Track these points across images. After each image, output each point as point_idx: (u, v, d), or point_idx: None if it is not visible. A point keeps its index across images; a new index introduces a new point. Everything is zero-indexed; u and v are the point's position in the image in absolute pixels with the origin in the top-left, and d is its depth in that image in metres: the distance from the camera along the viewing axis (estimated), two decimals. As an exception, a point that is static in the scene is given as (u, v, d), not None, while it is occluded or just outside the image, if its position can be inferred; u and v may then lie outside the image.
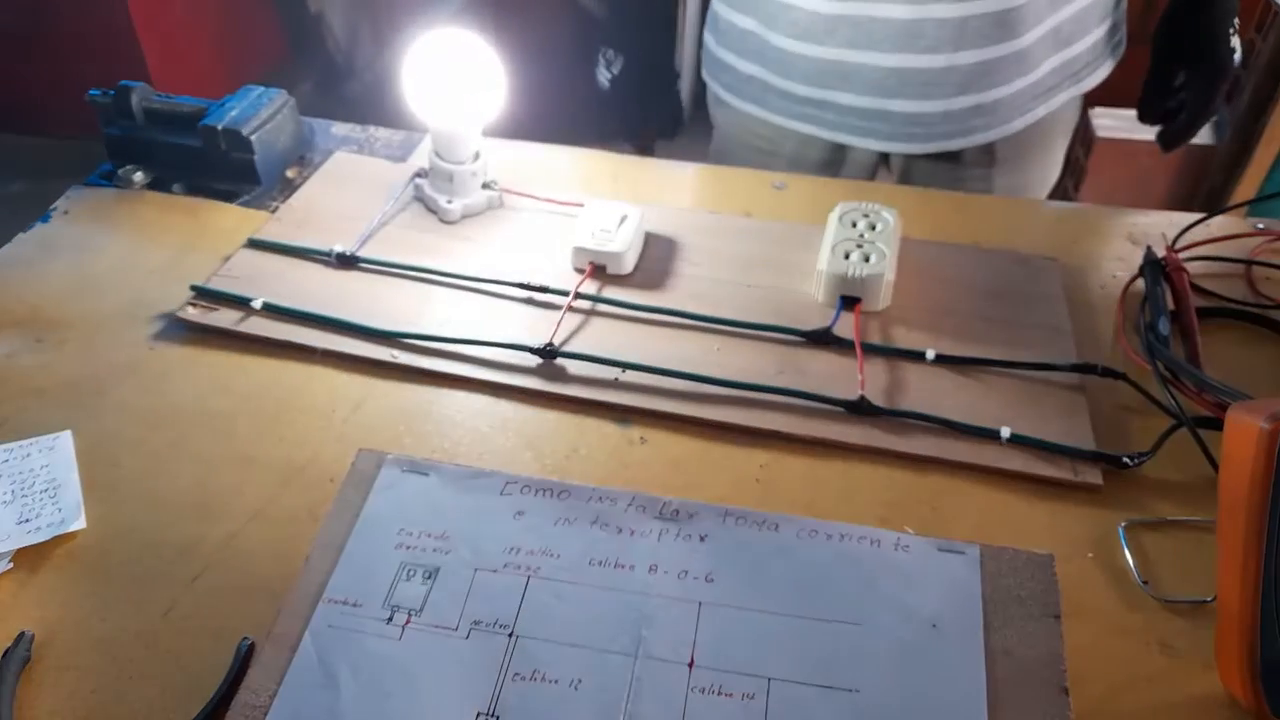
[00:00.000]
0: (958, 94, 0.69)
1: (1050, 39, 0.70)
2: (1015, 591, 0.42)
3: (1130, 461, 0.48)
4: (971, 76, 0.68)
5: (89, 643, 0.41)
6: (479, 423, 0.51)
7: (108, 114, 0.68)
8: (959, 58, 0.67)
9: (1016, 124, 0.72)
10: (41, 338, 0.56)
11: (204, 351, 0.55)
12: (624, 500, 0.46)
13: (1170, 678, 0.40)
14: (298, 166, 0.70)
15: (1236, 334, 0.57)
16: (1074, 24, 0.70)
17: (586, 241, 0.59)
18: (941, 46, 0.67)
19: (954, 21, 0.65)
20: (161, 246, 0.62)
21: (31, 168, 0.98)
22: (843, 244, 0.58)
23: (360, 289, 0.59)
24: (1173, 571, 0.44)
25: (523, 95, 0.75)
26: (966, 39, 0.66)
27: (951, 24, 0.66)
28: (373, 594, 0.42)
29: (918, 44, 0.67)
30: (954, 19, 0.65)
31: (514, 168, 0.69)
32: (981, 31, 0.66)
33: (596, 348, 0.54)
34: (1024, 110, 0.72)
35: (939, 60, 0.67)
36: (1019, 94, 0.70)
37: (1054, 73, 0.71)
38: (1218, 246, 0.62)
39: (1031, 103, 0.72)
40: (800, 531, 0.44)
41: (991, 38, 0.67)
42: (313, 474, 0.48)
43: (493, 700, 0.38)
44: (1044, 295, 0.59)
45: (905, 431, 0.50)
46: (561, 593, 0.42)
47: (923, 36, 0.66)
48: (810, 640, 0.40)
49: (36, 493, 0.47)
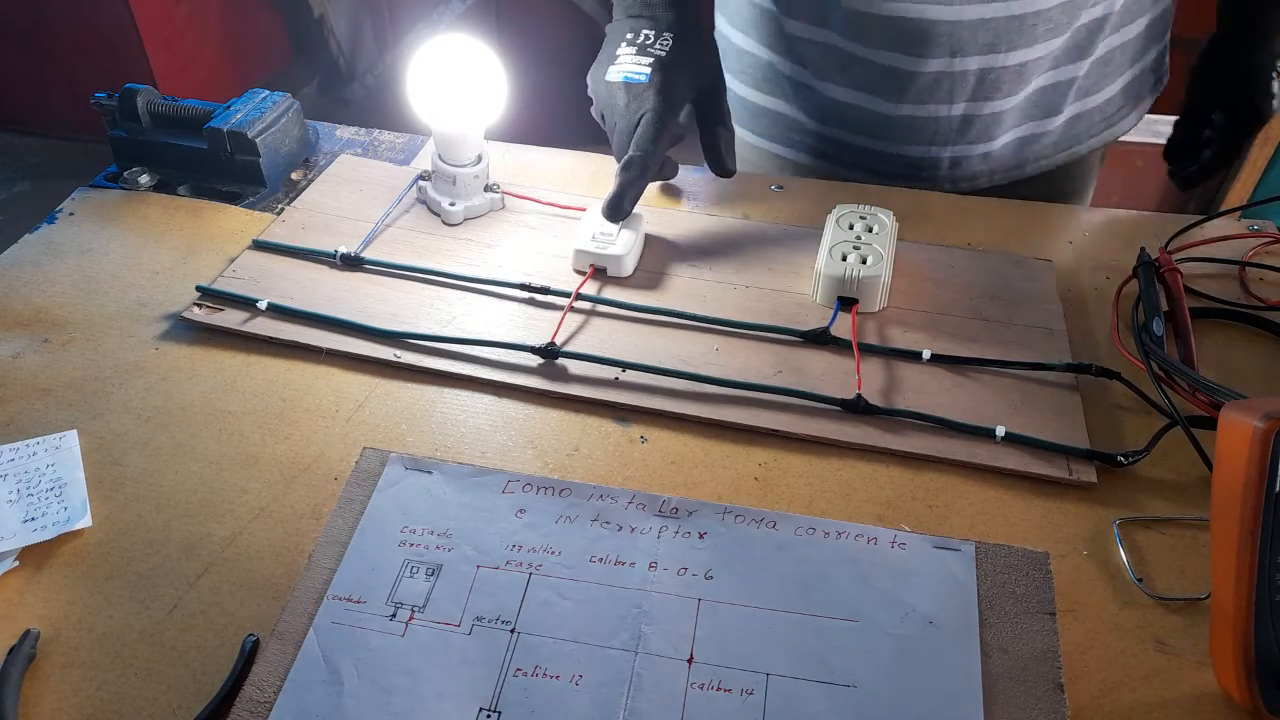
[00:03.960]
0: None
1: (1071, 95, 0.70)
2: (1011, 588, 0.42)
3: (1125, 460, 0.48)
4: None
5: (94, 640, 0.41)
6: (481, 422, 0.52)
7: (113, 117, 0.69)
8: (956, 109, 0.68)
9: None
10: (48, 338, 0.56)
11: (209, 351, 0.56)
12: (624, 498, 0.46)
13: (1165, 675, 0.41)
14: (302, 169, 0.71)
15: (1230, 334, 0.58)
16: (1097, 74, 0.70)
17: (587, 245, 0.60)
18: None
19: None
20: (167, 248, 0.63)
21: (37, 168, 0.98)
22: (840, 246, 0.59)
23: (364, 290, 0.59)
24: (1167, 569, 0.44)
25: (525, 99, 0.76)
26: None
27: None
28: (376, 591, 0.42)
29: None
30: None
31: (516, 171, 0.70)
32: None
33: (597, 348, 0.55)
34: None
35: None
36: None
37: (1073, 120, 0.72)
38: (1211, 248, 0.63)
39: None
40: (798, 529, 0.45)
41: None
42: (317, 472, 0.49)
43: (494, 695, 0.39)
44: (1039, 296, 0.59)
45: (902, 430, 0.50)
46: (563, 589, 0.42)
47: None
48: (808, 636, 0.41)
49: (42, 491, 0.47)
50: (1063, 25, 0.65)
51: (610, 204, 0.59)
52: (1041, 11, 0.63)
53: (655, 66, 0.60)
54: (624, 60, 0.62)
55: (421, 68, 0.61)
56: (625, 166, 0.59)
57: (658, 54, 0.61)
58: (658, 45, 0.61)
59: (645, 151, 0.59)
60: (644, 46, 0.61)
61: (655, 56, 0.61)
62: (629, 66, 0.61)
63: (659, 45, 0.61)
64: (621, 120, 0.61)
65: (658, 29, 0.62)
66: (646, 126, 0.59)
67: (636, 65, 0.61)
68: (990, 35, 0.63)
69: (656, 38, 0.62)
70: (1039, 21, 0.63)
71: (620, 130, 0.61)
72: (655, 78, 0.60)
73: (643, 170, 0.59)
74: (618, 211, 0.59)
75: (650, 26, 0.62)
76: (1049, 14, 0.63)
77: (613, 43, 0.63)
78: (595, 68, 0.64)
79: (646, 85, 0.60)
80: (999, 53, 0.64)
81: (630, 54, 0.62)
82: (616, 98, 0.61)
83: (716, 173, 0.66)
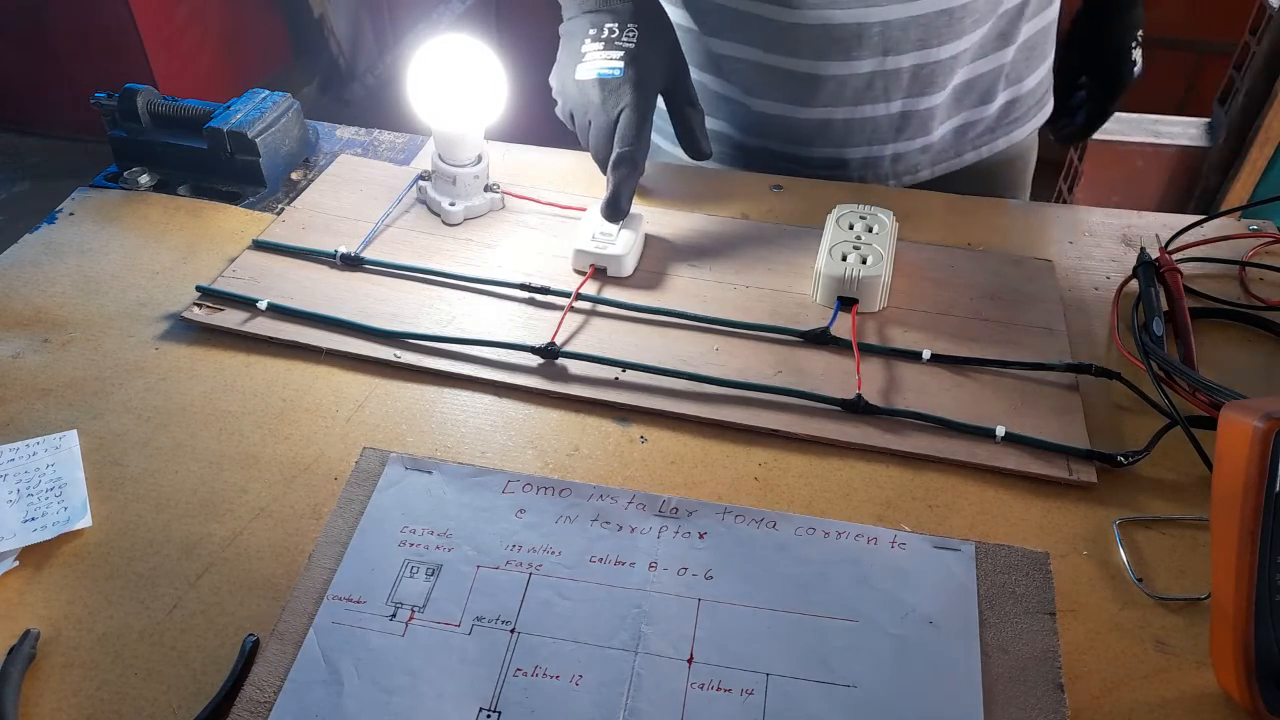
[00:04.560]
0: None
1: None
2: (1011, 588, 0.42)
3: (1125, 460, 0.48)
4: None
5: (94, 640, 0.41)
6: (481, 421, 0.52)
7: (113, 117, 0.69)
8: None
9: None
10: (47, 338, 0.56)
11: (209, 351, 0.56)
12: (624, 498, 0.46)
13: (1165, 674, 0.41)
14: (302, 169, 0.71)
15: (1230, 334, 0.58)
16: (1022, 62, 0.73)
17: (587, 245, 0.60)
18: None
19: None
20: (167, 248, 0.63)
21: (37, 168, 0.98)
22: (840, 246, 0.59)
23: (364, 290, 0.59)
24: (1167, 569, 0.45)
25: (525, 99, 0.75)
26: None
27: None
28: (376, 591, 0.42)
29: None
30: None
31: (516, 171, 0.70)
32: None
33: (597, 348, 0.55)
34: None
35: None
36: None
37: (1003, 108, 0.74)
38: (1211, 248, 0.63)
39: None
40: (798, 529, 0.45)
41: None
42: (317, 472, 0.49)
43: (494, 695, 0.39)
44: (1039, 296, 0.59)
45: (902, 430, 0.50)
46: (563, 589, 0.42)
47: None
48: (808, 636, 0.41)
49: (42, 491, 0.47)
50: (987, 14, 0.66)
51: (608, 204, 0.59)
52: (969, 4, 0.64)
53: (627, 60, 0.60)
54: (593, 57, 0.61)
55: (421, 68, 0.61)
56: (616, 164, 0.59)
57: (626, 46, 0.60)
58: (624, 38, 0.61)
59: (633, 146, 0.59)
60: (611, 41, 0.61)
61: (625, 49, 0.60)
62: (600, 63, 0.60)
63: (625, 38, 0.61)
64: (599, 117, 0.60)
65: (620, 21, 0.61)
66: (628, 121, 0.59)
67: (608, 60, 0.60)
68: (921, 31, 0.64)
69: (621, 30, 0.61)
70: (966, 14, 0.64)
71: (598, 128, 0.60)
72: (629, 71, 0.60)
73: (634, 166, 0.59)
74: (616, 211, 0.59)
75: (612, 20, 0.61)
76: (975, 5, 0.64)
77: (574, 40, 0.63)
78: (559, 68, 0.64)
79: (622, 80, 0.59)
80: (930, 48, 0.65)
81: (598, 50, 0.61)
82: (591, 95, 0.60)
83: (693, 156, 0.65)
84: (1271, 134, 1.41)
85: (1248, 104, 1.42)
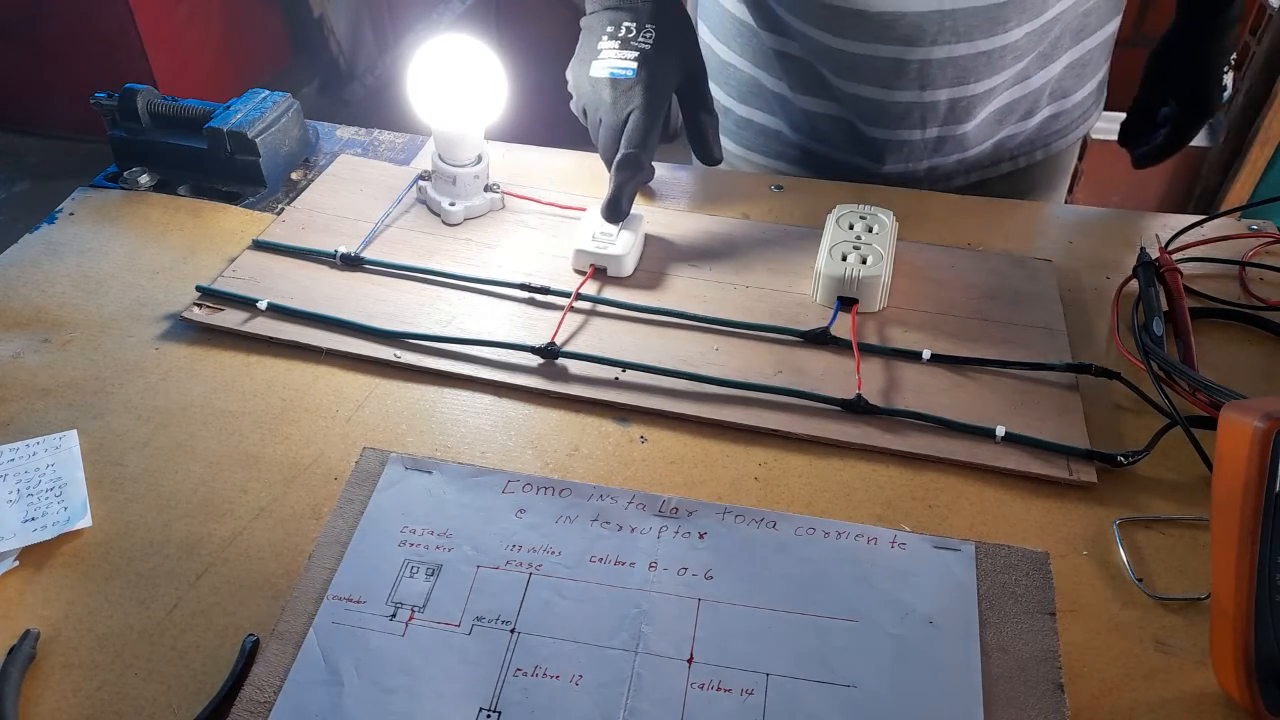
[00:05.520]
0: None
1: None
2: (1011, 588, 0.42)
3: (1125, 460, 0.48)
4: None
5: (94, 640, 0.41)
6: (481, 421, 0.52)
7: (113, 117, 0.69)
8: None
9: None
10: (47, 338, 0.56)
11: (209, 352, 0.56)
12: (624, 498, 0.46)
13: (1165, 674, 0.41)
14: (302, 169, 0.71)
15: (1230, 334, 0.58)
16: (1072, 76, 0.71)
17: (587, 245, 0.60)
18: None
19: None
20: (167, 248, 0.63)
21: (37, 168, 0.98)
22: (840, 246, 0.59)
23: (364, 290, 0.59)
24: (1167, 569, 0.45)
25: (525, 99, 0.76)
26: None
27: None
28: (376, 591, 0.42)
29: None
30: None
31: (516, 171, 0.70)
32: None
33: (597, 348, 0.55)
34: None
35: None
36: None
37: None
38: (1210, 248, 0.63)
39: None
40: (798, 529, 0.45)
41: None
42: (317, 472, 0.49)
43: (494, 695, 0.39)
44: (1039, 296, 0.59)
45: (902, 430, 0.50)
46: (562, 589, 0.42)
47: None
48: (808, 636, 0.41)
49: (42, 491, 0.47)
50: (1026, 51, 0.65)
51: (609, 204, 0.59)
52: (1009, 45, 0.63)
53: (641, 61, 0.60)
54: (607, 54, 0.61)
55: (421, 68, 0.61)
56: (620, 166, 0.59)
57: (642, 47, 0.60)
58: (640, 38, 0.60)
59: (638, 148, 0.59)
60: (627, 40, 0.61)
61: (640, 50, 0.60)
62: (614, 61, 0.60)
63: (642, 38, 0.60)
64: (609, 116, 0.60)
65: (639, 20, 0.61)
66: (637, 123, 0.59)
67: (621, 60, 0.60)
68: (958, 71, 0.64)
69: (639, 30, 0.61)
70: (1006, 54, 0.64)
71: (608, 126, 0.60)
72: (642, 73, 0.59)
73: (637, 168, 0.59)
74: (616, 212, 0.59)
75: (630, 18, 0.61)
76: (1016, 45, 0.64)
77: (592, 36, 0.63)
78: (575, 63, 0.63)
79: (634, 80, 0.59)
80: (968, 84, 0.65)
81: (613, 48, 0.61)
82: (602, 94, 0.60)
83: (704, 161, 0.66)
84: (1271, 134, 1.41)
85: (1248, 104, 1.43)
